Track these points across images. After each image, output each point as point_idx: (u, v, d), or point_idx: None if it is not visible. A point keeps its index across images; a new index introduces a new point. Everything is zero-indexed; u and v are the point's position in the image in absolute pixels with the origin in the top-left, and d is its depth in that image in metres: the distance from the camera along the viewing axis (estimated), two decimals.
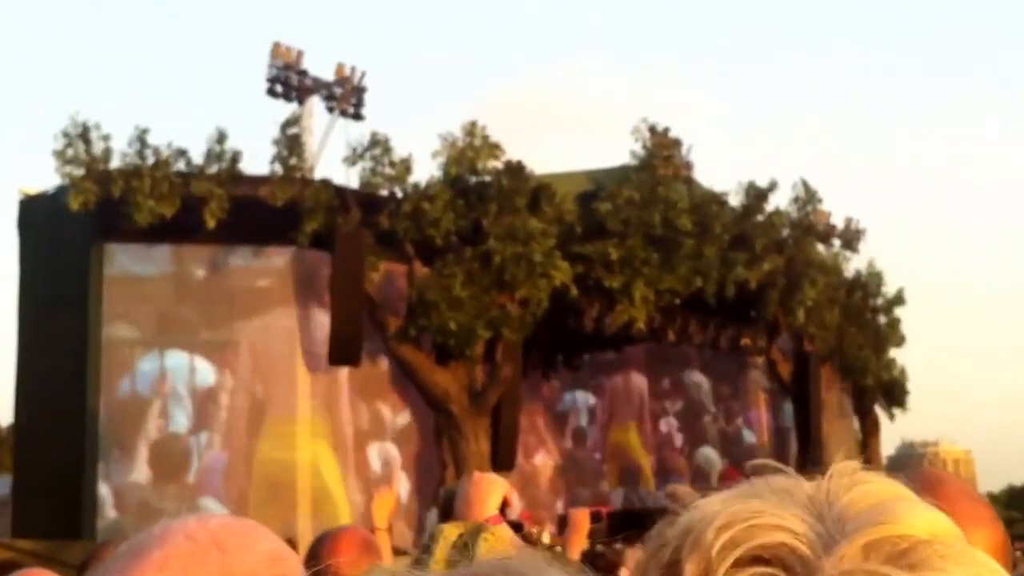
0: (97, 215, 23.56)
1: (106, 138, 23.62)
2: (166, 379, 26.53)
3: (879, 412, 40.89)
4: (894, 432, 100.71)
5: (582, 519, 4.62)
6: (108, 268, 24.94)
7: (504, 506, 3.23)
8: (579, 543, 4.55)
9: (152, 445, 26.14)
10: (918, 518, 0.66)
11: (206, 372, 27.05)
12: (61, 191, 23.79)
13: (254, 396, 27.80)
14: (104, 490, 25.06)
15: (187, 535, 0.90)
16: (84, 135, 23.41)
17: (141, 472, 26.16)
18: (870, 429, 40.87)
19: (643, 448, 37.64)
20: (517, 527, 3.43)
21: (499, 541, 2.67)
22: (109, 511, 25.09)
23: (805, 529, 0.65)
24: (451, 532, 2.71)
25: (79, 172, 23.26)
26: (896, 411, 41.21)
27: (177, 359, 26.24)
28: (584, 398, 38.89)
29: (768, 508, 0.66)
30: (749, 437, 39.85)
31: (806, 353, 34.34)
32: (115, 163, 23.67)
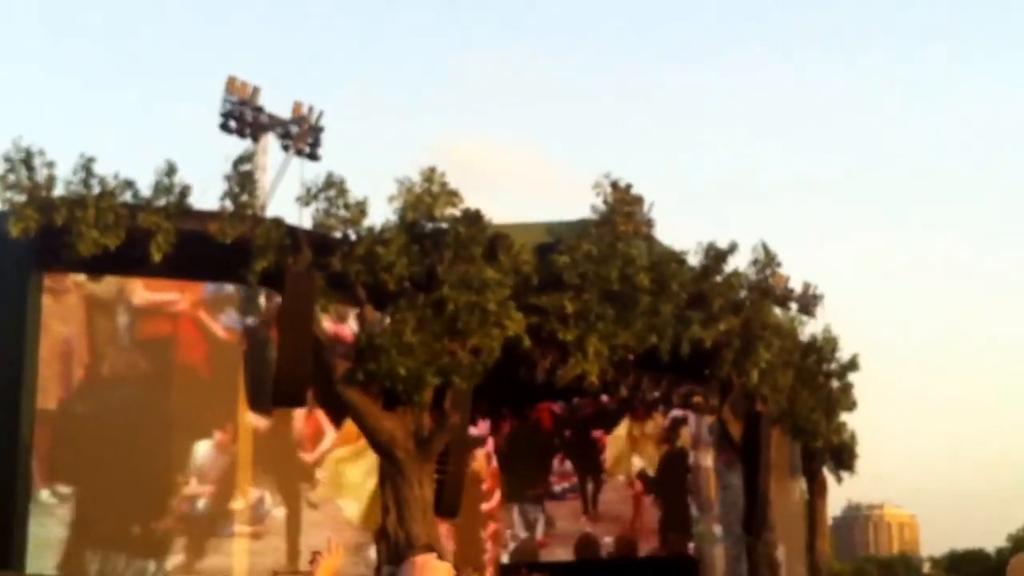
0: (38, 243, 22.84)
1: (50, 165, 22.92)
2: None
3: (827, 474, 40.70)
4: (841, 494, 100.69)
5: None
6: (48, 298, 24.19)
7: None
8: None
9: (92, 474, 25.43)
10: None
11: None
12: (1, 217, 23.06)
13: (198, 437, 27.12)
14: (36, 526, 24.21)
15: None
16: (27, 160, 22.69)
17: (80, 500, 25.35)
18: (817, 490, 40.66)
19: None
20: None
21: None
22: (42, 550, 24.27)
23: None
24: None
25: (20, 198, 22.53)
26: (844, 474, 41.07)
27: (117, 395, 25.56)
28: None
29: None
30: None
31: (758, 414, 34.08)
32: (59, 191, 22.96)
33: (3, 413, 23.67)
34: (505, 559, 37.12)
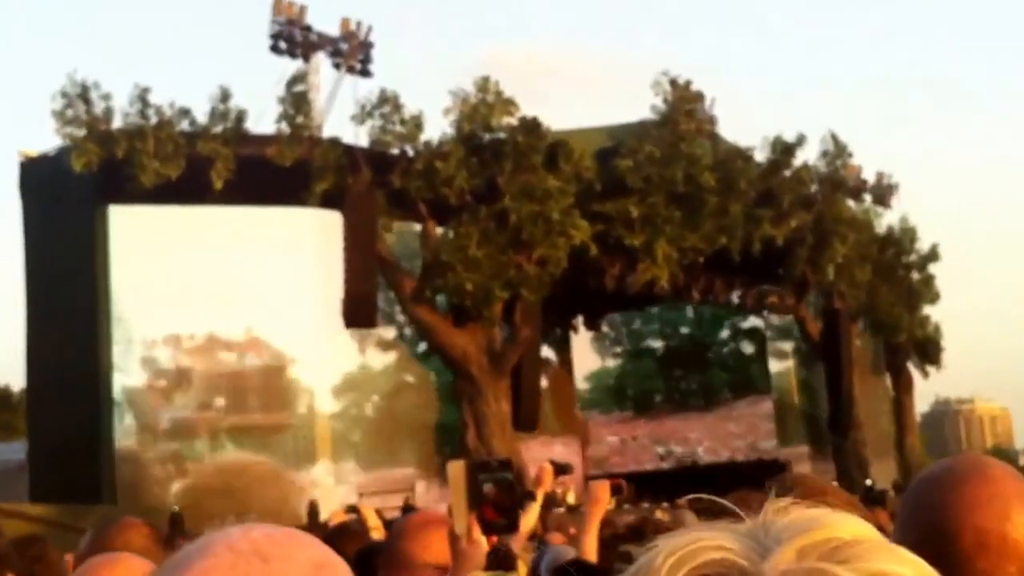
0: (101, 176, 22.99)
1: (106, 97, 23.01)
2: (179, 341, 26.32)
3: (912, 370, 40.00)
4: (928, 389, 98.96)
5: (602, 491, 4.32)
6: (114, 230, 24.47)
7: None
8: (599, 515, 4.29)
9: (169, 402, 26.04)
10: (843, 524, 0.74)
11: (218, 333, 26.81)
12: (62, 152, 23.23)
13: (271, 359, 27.48)
14: (121, 452, 24.79)
15: (229, 546, 0.89)
16: (84, 95, 22.78)
17: (159, 433, 25.96)
18: (903, 387, 40.02)
19: None
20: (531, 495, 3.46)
21: None
22: (127, 474, 24.84)
23: (742, 546, 0.73)
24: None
25: (80, 133, 22.66)
26: (930, 368, 40.32)
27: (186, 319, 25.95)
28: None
29: (709, 535, 0.74)
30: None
31: (836, 311, 33.44)
32: (116, 123, 23.04)
33: (82, 348, 24.08)
34: None
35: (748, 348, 37.90)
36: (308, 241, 26.20)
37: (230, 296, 25.06)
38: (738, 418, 36.52)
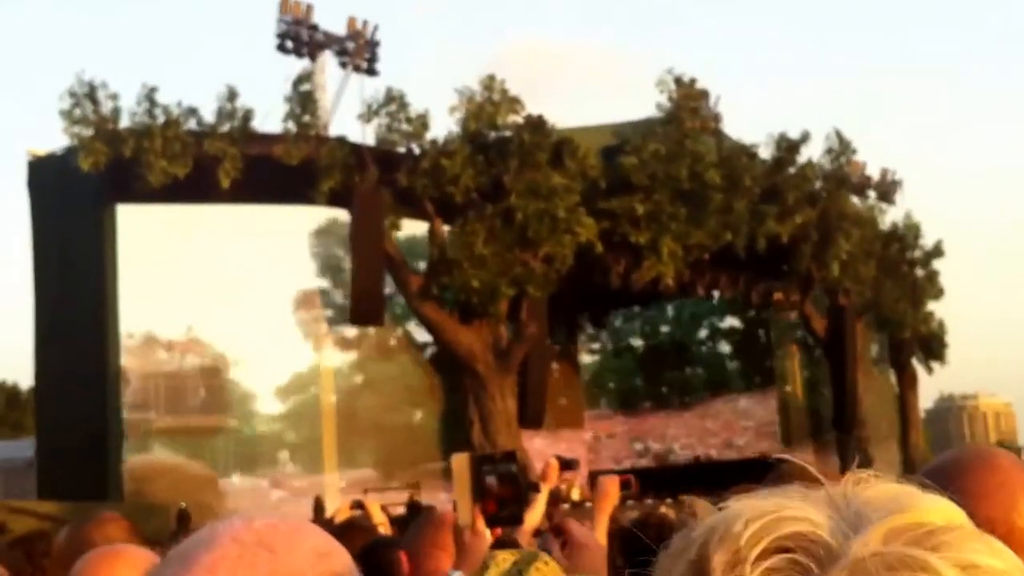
0: (108, 176, 23.13)
1: (114, 97, 23.15)
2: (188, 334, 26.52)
3: (916, 365, 40.06)
4: (932, 385, 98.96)
5: (611, 486, 4.32)
6: (121, 229, 24.62)
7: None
8: (608, 510, 4.30)
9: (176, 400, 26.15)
10: (934, 507, 0.71)
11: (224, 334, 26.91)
12: (70, 152, 23.35)
13: (276, 353, 27.60)
14: (129, 449, 24.95)
15: (233, 537, 0.90)
16: (91, 94, 22.92)
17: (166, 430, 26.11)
18: (907, 383, 40.06)
19: None
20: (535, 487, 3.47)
21: (552, 572, 2.59)
22: (135, 471, 24.99)
23: (827, 520, 0.68)
24: (504, 559, 2.63)
25: (88, 132, 22.80)
26: (934, 364, 40.38)
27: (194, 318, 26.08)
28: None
29: (791, 503, 0.70)
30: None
31: (841, 307, 33.49)
32: (124, 122, 23.18)
33: (89, 346, 24.22)
34: None
35: (726, 347, 38.08)
36: (307, 241, 26.38)
37: (230, 294, 25.22)
38: (716, 415, 36.66)
